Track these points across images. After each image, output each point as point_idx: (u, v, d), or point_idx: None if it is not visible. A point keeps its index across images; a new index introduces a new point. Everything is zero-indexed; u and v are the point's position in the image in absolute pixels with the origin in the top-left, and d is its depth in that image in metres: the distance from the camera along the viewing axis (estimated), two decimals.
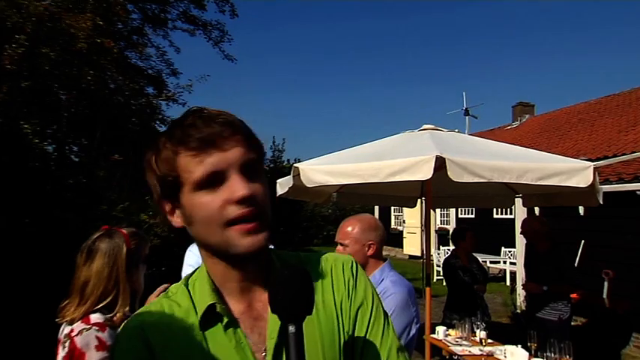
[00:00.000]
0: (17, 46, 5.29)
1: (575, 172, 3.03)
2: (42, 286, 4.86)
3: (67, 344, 1.45)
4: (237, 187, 0.71)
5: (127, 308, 1.53)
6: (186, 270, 2.18)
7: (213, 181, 0.71)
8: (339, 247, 1.96)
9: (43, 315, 4.39)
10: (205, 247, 0.76)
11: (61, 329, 1.53)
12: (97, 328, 1.46)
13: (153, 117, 8.86)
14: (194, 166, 0.71)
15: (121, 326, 0.79)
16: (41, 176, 5.76)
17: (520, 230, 4.24)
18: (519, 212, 7.66)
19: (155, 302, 0.80)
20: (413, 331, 1.77)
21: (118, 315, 1.52)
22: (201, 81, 9.20)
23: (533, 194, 4.47)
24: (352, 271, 0.85)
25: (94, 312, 1.50)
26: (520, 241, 7.52)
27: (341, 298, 0.81)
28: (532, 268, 4.16)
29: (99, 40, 6.28)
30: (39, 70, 5.69)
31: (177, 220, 0.76)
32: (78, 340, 1.43)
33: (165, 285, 1.63)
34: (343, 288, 0.82)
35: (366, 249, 1.91)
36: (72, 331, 1.46)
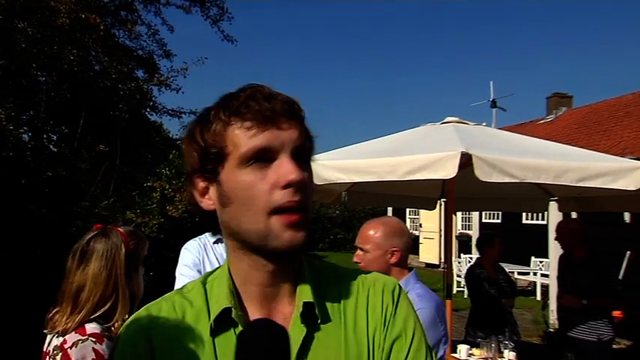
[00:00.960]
0: None
1: (622, 173, 2.98)
2: (14, 292, 4.88)
3: (58, 357, 1.43)
4: (287, 169, 0.70)
5: (127, 316, 1.51)
6: (181, 270, 2.18)
7: (262, 158, 0.71)
8: (359, 252, 1.95)
9: (15, 324, 4.42)
10: (234, 236, 0.75)
11: (48, 340, 1.51)
12: (93, 339, 1.44)
13: (143, 103, 8.87)
14: (245, 140, 0.71)
15: (129, 319, 0.79)
16: (15, 168, 5.77)
17: (555, 236, 4.18)
18: (554, 218, 7.57)
19: (167, 297, 0.80)
20: (440, 353, 1.76)
21: (116, 325, 1.50)
22: (197, 64, 9.14)
23: (570, 197, 4.42)
24: (393, 296, 0.81)
25: (90, 321, 1.48)
26: (554, 250, 7.44)
27: (375, 326, 0.78)
28: (567, 279, 4.10)
29: (83, 16, 6.28)
30: (14, 47, 5.70)
31: (208, 201, 0.76)
32: (73, 353, 1.41)
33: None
34: (380, 315, 0.79)
35: (389, 256, 1.92)
36: (65, 342, 1.44)
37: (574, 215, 6.52)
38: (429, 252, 15.63)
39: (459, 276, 10.72)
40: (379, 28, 54.96)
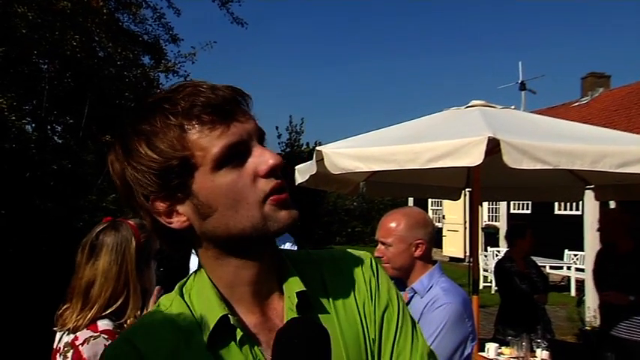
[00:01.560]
0: None
1: None
2: (23, 290, 4.99)
3: (69, 354, 1.46)
4: (265, 156, 0.71)
5: (139, 312, 1.54)
6: (194, 262, 2.21)
7: (237, 154, 0.70)
8: (380, 247, 1.95)
9: (24, 322, 4.53)
10: (220, 243, 0.74)
11: (58, 337, 1.55)
12: (105, 336, 1.47)
13: (149, 91, 8.90)
14: (212, 141, 0.69)
15: (109, 346, 0.77)
16: (19, 160, 5.88)
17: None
18: (590, 207, 7.47)
19: (147, 317, 0.78)
20: (468, 350, 1.76)
21: (129, 321, 1.52)
22: (206, 49, 9.13)
23: (609, 185, 4.33)
24: (372, 269, 0.85)
25: (102, 318, 1.51)
26: (590, 242, 7.33)
27: (363, 301, 0.82)
28: (610, 274, 4.03)
29: None
30: (14, 33, 5.76)
31: (179, 219, 0.73)
32: (85, 350, 1.44)
33: (159, 287, 1.64)
34: (365, 289, 0.83)
35: (413, 249, 1.90)
36: (76, 338, 1.47)
37: (612, 204, 6.41)
38: (453, 245, 15.57)
39: (485, 270, 10.67)
40: (399, 8, 54.35)
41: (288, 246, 2.60)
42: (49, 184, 6.40)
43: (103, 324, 1.50)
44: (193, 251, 2.49)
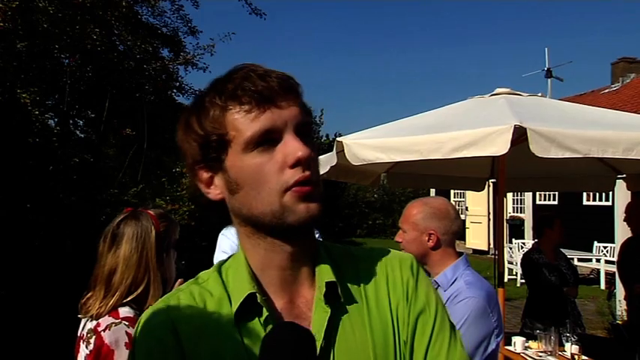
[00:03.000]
0: (10, 0, 5.44)
1: None
2: (49, 281, 5.12)
3: (92, 340, 1.51)
4: (295, 146, 0.73)
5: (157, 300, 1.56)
6: (219, 256, 2.23)
7: (268, 140, 0.74)
8: (400, 232, 2.00)
9: (50, 311, 4.64)
10: (247, 221, 0.78)
11: (82, 325, 1.60)
12: (127, 323, 1.52)
13: (169, 84, 9.01)
14: (247, 124, 0.73)
15: (144, 314, 0.79)
16: (43, 154, 6.00)
17: (624, 216, 4.02)
18: (621, 198, 7.31)
19: (183, 289, 0.81)
20: (492, 346, 1.74)
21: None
22: (224, 40, 9.17)
23: None
24: (412, 271, 0.86)
25: (123, 305, 1.57)
26: (621, 234, 7.17)
27: (397, 302, 0.82)
28: (635, 265, 3.94)
29: None
30: (36, 28, 5.87)
31: (215, 191, 0.79)
32: (106, 336, 1.49)
33: (181, 280, 1.66)
34: (401, 290, 0.83)
35: (426, 238, 1.91)
36: (98, 325, 1.52)
37: None
38: (477, 237, 15.42)
39: (510, 263, 10.55)
40: None
41: None
42: (72, 177, 6.52)
43: (125, 311, 1.55)
44: (217, 245, 2.53)
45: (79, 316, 1.62)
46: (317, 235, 2.72)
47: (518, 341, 3.70)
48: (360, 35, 56.38)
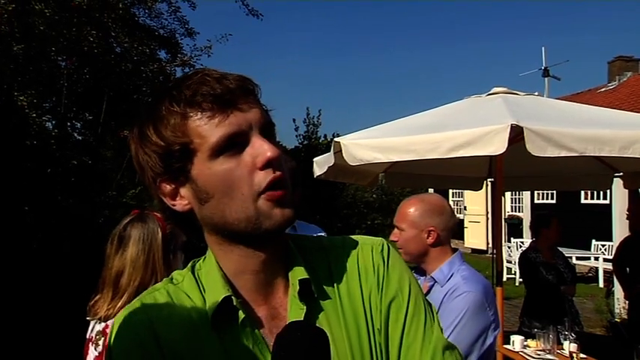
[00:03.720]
0: (6, 2, 5.44)
1: None
2: (47, 284, 5.11)
3: (100, 342, 1.53)
4: (263, 148, 0.71)
5: None
6: None
7: (234, 144, 0.72)
8: (395, 231, 1.97)
9: (50, 314, 4.63)
10: (219, 230, 0.76)
11: (91, 327, 1.62)
12: None
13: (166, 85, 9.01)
14: (211, 129, 0.71)
15: (121, 313, 0.78)
16: (40, 157, 5.99)
17: (627, 215, 4.04)
18: (618, 196, 7.33)
19: (159, 289, 0.80)
20: (490, 340, 1.75)
21: None
22: (222, 41, 9.16)
23: (639, 172, 4.22)
24: (383, 255, 0.84)
25: None
26: (619, 232, 7.19)
27: (370, 290, 0.81)
28: (635, 263, 3.96)
29: None
30: (32, 31, 5.87)
31: (182, 202, 0.76)
32: None
33: None
34: (373, 277, 0.82)
35: (425, 236, 1.89)
36: (107, 327, 1.54)
37: None
38: (475, 237, 15.42)
39: (508, 262, 10.56)
40: None
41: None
42: (70, 180, 6.52)
43: None
44: None
45: (88, 318, 1.63)
46: (322, 234, 2.69)
47: (516, 340, 3.71)
48: (357, 35, 56.47)
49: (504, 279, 9.73)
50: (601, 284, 9.95)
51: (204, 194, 0.73)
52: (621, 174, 4.52)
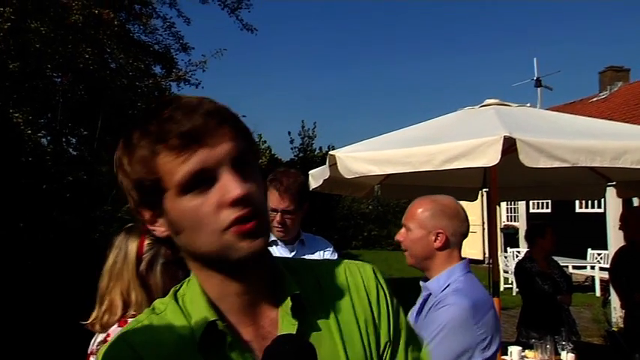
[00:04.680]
0: (2, 21, 5.47)
1: None
2: (43, 300, 5.07)
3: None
4: (230, 186, 0.71)
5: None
6: None
7: (201, 181, 0.71)
8: (402, 231, 1.86)
9: (47, 330, 4.59)
10: (196, 258, 0.77)
11: (93, 340, 1.64)
12: None
13: (157, 101, 9.03)
14: (176, 167, 0.71)
15: (104, 347, 0.78)
16: (36, 173, 5.99)
17: (619, 225, 4.05)
18: (612, 205, 7.36)
19: (142, 320, 0.79)
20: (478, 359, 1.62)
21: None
22: (216, 56, 9.24)
23: (631, 181, 4.26)
24: (377, 285, 0.86)
25: (134, 317, 1.59)
26: (615, 241, 7.21)
27: (365, 319, 0.83)
28: (632, 273, 3.97)
29: (96, 11, 6.43)
30: (28, 48, 5.90)
31: (160, 228, 0.77)
32: None
33: None
34: (368, 307, 0.84)
35: (432, 238, 1.77)
36: (108, 335, 1.55)
37: (635, 201, 6.30)
38: (472, 247, 15.41)
39: (505, 272, 10.55)
40: (410, 8, 54.23)
41: (327, 255, 2.57)
42: (66, 196, 6.50)
43: None
44: None
45: (85, 325, 1.65)
46: (330, 250, 2.63)
47: (514, 351, 3.69)
48: (351, 48, 56.83)
49: (501, 289, 9.71)
50: (598, 293, 9.94)
51: (177, 226, 0.74)
52: (614, 183, 4.55)
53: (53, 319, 4.58)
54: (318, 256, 2.48)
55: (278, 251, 2.35)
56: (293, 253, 2.46)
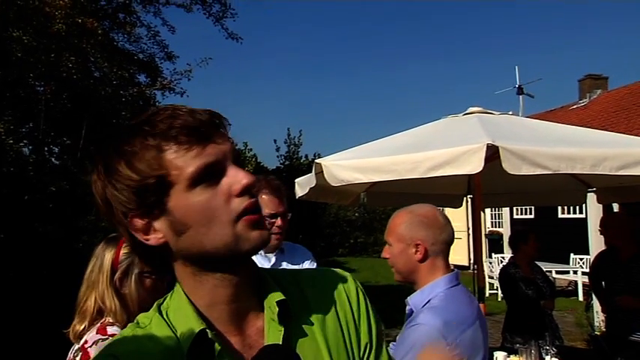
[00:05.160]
0: None
1: None
2: (25, 312, 4.98)
3: (78, 357, 1.56)
4: (239, 175, 0.75)
5: (124, 324, 1.62)
6: None
7: (211, 174, 0.73)
8: (386, 247, 1.80)
9: (29, 341, 4.50)
10: (196, 260, 0.77)
11: (71, 349, 1.64)
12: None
13: (146, 109, 8.96)
14: (187, 161, 0.72)
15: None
16: (17, 183, 5.90)
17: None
18: (593, 210, 7.48)
19: (127, 334, 0.79)
20: None
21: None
22: (202, 65, 9.23)
23: (610, 187, 4.34)
24: (358, 295, 0.89)
25: (112, 325, 1.62)
26: (596, 246, 7.32)
27: (346, 322, 0.85)
28: (617, 278, 4.03)
29: (79, 20, 6.39)
30: (10, 57, 5.83)
31: (156, 236, 0.75)
32: (92, 351, 1.53)
33: None
34: (349, 310, 0.87)
35: (413, 251, 1.70)
36: (85, 342, 1.57)
37: (615, 207, 6.41)
38: (458, 253, 15.49)
39: (490, 277, 10.63)
40: (393, 16, 54.74)
41: (307, 264, 2.57)
42: (48, 206, 6.41)
43: (113, 329, 1.60)
44: None
45: (66, 333, 1.66)
46: (310, 260, 2.63)
47: (499, 356, 3.71)
48: (337, 56, 57.09)
49: (487, 295, 9.79)
50: (580, 298, 10.06)
51: (182, 226, 0.74)
52: (594, 189, 4.63)
53: (37, 329, 4.50)
54: (297, 264, 2.49)
55: (256, 259, 2.35)
56: (273, 261, 2.46)
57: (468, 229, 14.68)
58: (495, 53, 49.55)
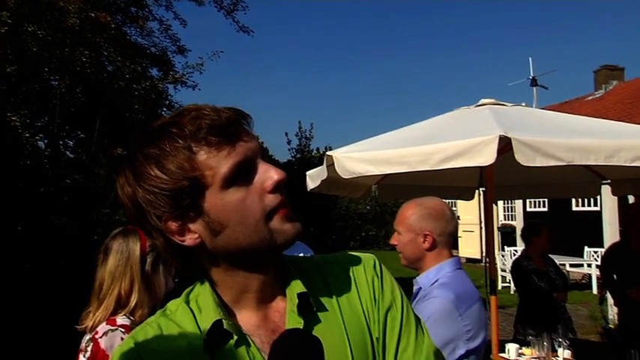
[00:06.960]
0: None
1: None
2: (42, 304, 5.07)
3: (89, 348, 1.60)
4: (271, 172, 0.76)
5: (147, 310, 1.67)
6: None
7: (243, 172, 0.75)
8: (395, 235, 1.97)
9: (45, 333, 4.59)
10: (230, 257, 0.78)
11: (84, 338, 1.69)
12: (123, 330, 1.61)
13: (159, 103, 9.04)
14: (220, 161, 0.73)
15: (115, 350, 0.80)
16: (33, 176, 5.99)
17: (627, 220, 4.07)
18: (608, 203, 7.40)
19: (151, 322, 0.81)
20: (461, 351, 1.69)
21: (136, 319, 1.65)
22: (213, 58, 9.24)
23: (626, 179, 4.29)
24: (376, 270, 0.88)
25: (120, 315, 1.66)
26: (610, 238, 7.25)
27: (366, 300, 0.85)
28: (632, 271, 3.99)
29: (92, 15, 6.43)
30: (25, 52, 5.91)
31: (192, 236, 0.76)
32: (102, 341, 1.58)
33: None
34: (367, 290, 0.86)
35: (421, 240, 1.87)
36: (96, 333, 1.61)
37: (631, 199, 6.34)
38: (470, 246, 15.45)
39: (503, 270, 10.58)
40: (405, 9, 54.26)
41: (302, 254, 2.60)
42: (64, 199, 6.51)
43: (122, 319, 1.64)
44: None
45: (79, 328, 1.69)
46: (310, 254, 2.70)
47: (512, 348, 3.71)
48: (349, 49, 56.86)
49: (499, 288, 9.73)
50: (594, 291, 9.97)
51: (219, 225, 0.74)
52: (609, 181, 4.58)
53: (51, 321, 4.58)
54: None
55: None
56: None
57: (481, 222, 14.61)
58: (509, 45, 49.02)
